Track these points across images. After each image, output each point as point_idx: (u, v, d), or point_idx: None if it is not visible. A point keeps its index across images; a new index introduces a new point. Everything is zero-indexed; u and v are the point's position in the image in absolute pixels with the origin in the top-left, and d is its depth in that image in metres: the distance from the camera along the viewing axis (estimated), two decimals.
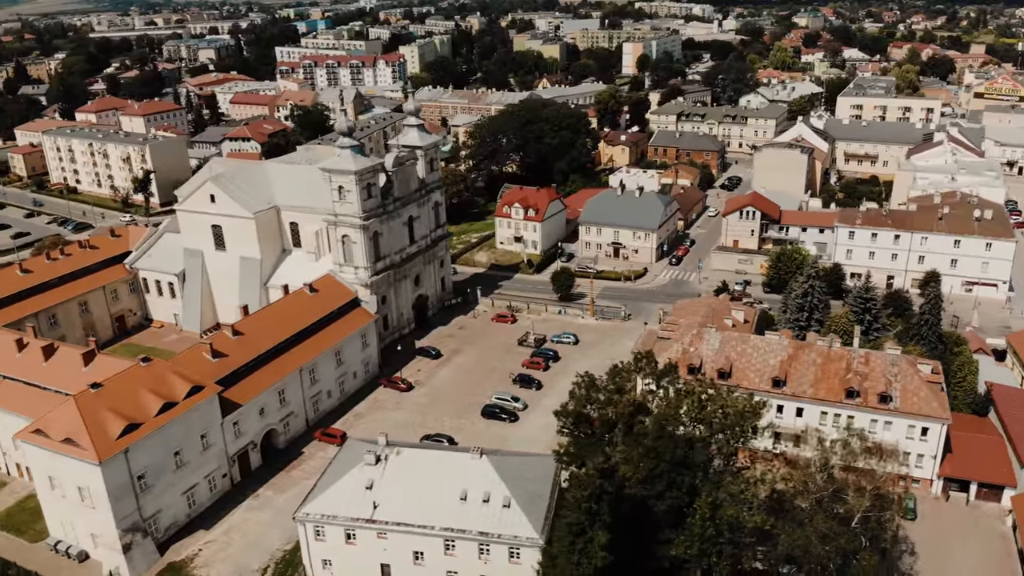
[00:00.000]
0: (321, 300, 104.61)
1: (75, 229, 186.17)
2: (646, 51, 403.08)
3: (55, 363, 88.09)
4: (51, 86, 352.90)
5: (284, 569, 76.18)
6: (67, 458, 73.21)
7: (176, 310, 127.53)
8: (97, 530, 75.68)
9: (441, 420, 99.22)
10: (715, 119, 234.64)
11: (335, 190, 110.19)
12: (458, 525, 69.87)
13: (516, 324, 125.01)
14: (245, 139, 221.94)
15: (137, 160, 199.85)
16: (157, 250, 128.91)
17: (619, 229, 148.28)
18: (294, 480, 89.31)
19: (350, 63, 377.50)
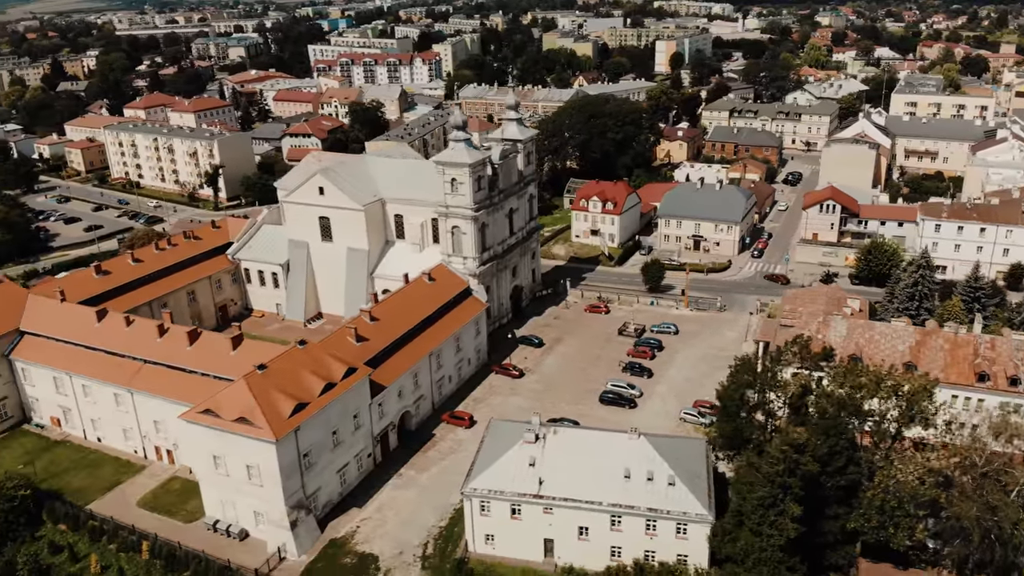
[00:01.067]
0: (438, 289, 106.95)
1: (147, 222, 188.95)
2: (679, 49, 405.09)
3: (200, 348, 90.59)
4: (92, 82, 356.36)
5: (444, 545, 78.53)
6: (239, 437, 75.54)
7: (278, 300, 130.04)
8: (263, 508, 78.04)
9: (558, 406, 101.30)
10: (768, 115, 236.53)
11: (447, 182, 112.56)
12: (626, 502, 72.16)
13: (610, 315, 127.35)
14: (305, 135, 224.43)
15: (204, 155, 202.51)
16: (258, 241, 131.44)
17: (700, 222, 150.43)
18: (431, 460, 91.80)
19: (387, 61, 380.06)
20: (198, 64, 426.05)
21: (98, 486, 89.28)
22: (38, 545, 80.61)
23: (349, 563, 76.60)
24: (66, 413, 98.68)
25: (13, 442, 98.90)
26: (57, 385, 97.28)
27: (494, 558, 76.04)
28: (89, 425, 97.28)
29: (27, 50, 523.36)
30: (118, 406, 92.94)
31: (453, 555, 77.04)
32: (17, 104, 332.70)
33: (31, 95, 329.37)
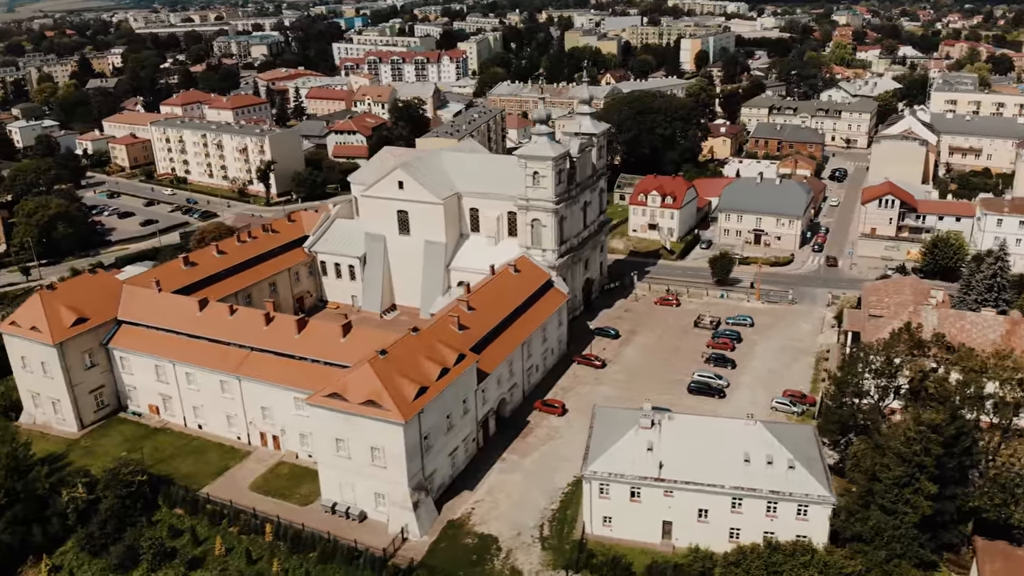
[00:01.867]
0: (524, 280, 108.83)
1: (201, 217, 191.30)
2: (704, 47, 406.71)
3: (308, 336, 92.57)
4: (122, 80, 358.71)
5: (559, 527, 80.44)
6: (366, 419, 77.50)
7: (353, 291, 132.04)
8: (385, 489, 79.97)
9: (646, 395, 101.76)
10: (807, 112, 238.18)
11: (529, 175, 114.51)
12: (748, 485, 74.04)
13: (680, 308, 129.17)
14: (350, 132, 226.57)
15: (254, 151, 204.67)
16: (333, 235, 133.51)
17: (762, 216, 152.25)
18: (530, 446, 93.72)
19: (415, 59, 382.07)
20: (224, 62, 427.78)
21: (207, 472, 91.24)
22: (156, 529, 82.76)
23: (470, 543, 78.54)
24: (166, 401, 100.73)
25: (111, 430, 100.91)
26: (158, 373, 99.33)
27: (611, 540, 77.84)
28: (190, 412, 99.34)
29: (48, 47, 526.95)
30: (223, 393, 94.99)
31: (570, 536, 79.03)
32: (49, 100, 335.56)
33: (63, 92, 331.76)
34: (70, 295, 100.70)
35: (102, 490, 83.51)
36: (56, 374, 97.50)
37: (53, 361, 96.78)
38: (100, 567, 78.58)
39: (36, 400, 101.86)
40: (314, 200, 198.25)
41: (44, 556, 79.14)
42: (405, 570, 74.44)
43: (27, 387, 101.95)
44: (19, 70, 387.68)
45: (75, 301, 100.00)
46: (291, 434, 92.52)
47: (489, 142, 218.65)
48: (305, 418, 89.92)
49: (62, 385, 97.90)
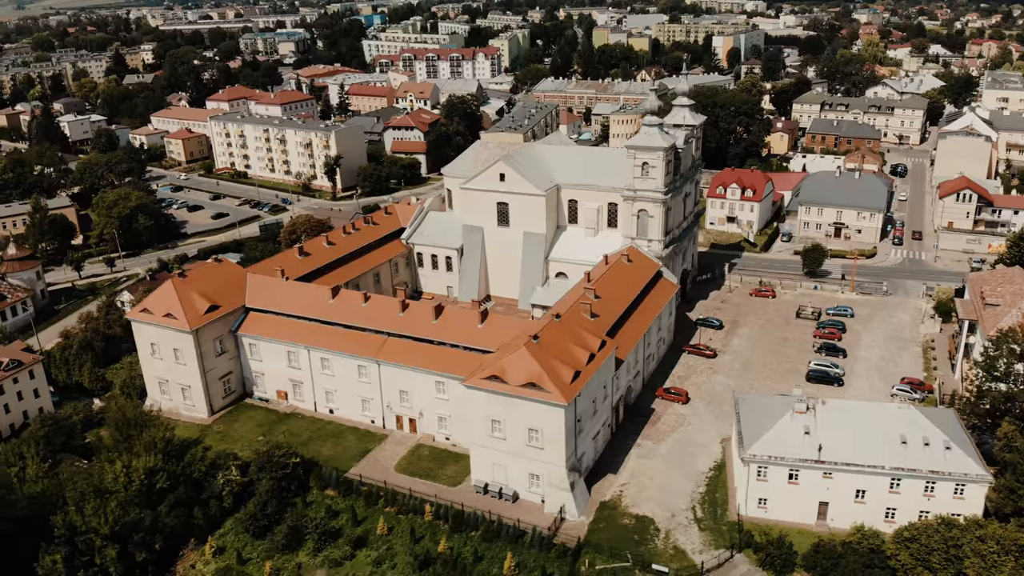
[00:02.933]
0: (637, 270, 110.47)
1: (271, 211, 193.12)
2: (736, 44, 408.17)
3: (446, 322, 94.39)
4: (159, 75, 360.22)
5: (711, 508, 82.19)
6: (526, 401, 79.24)
7: (449, 283, 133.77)
8: (541, 470, 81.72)
9: (765, 383, 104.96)
10: (859, 109, 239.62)
11: (638, 166, 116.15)
12: (907, 465, 75.81)
13: (776, 299, 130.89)
14: (408, 128, 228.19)
15: (319, 146, 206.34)
16: (428, 227, 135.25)
17: (843, 209, 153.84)
18: (662, 432, 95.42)
19: (450, 56, 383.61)
20: (257, 59, 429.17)
21: (348, 454, 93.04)
22: (312, 510, 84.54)
23: (628, 524, 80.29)
24: (296, 386, 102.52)
25: (242, 415, 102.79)
26: (290, 359, 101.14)
27: (766, 520, 79.56)
28: (322, 397, 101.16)
29: (74, 43, 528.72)
30: (360, 378, 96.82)
31: (724, 518, 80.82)
32: (90, 96, 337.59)
33: (104, 87, 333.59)
34: (200, 283, 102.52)
35: (256, 473, 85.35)
36: (190, 360, 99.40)
37: (188, 348, 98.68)
38: (264, 548, 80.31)
39: (163, 387, 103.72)
40: (377, 195, 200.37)
41: (209, 538, 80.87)
42: (573, 549, 76.20)
43: (154, 374, 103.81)
44: (55, 65, 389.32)
45: (206, 289, 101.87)
46: (429, 417, 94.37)
47: (546, 135, 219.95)
48: (444, 401, 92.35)
49: (195, 371, 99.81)
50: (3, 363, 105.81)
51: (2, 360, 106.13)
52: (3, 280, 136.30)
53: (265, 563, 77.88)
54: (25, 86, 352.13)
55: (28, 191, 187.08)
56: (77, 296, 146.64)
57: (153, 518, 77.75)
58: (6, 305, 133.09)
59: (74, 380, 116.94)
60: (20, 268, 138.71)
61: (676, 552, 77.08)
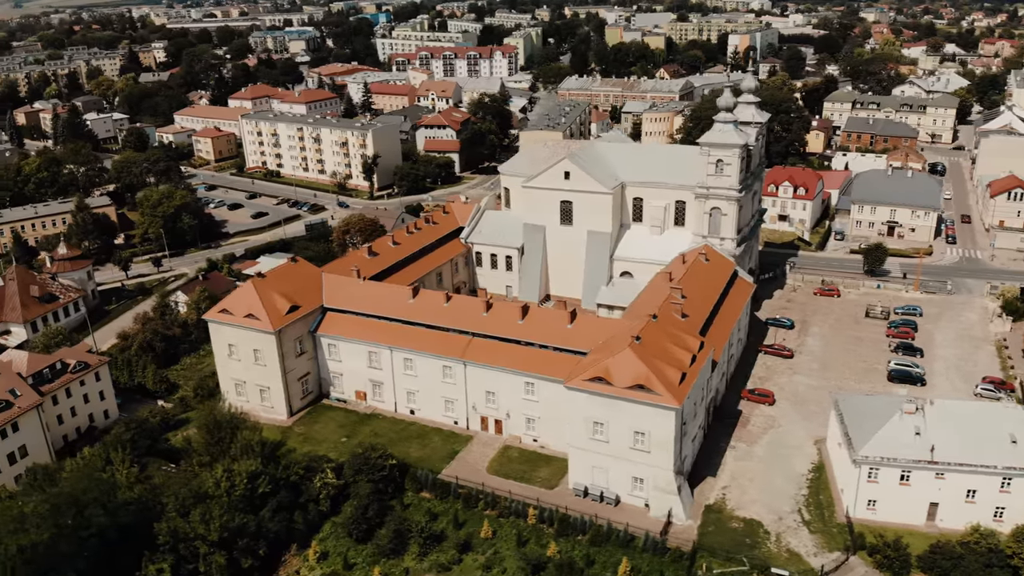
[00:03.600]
0: (715, 269, 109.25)
1: (310, 211, 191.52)
2: (752, 43, 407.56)
3: (533, 322, 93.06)
4: (176, 73, 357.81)
5: (818, 510, 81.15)
6: (633, 404, 78.02)
7: (508, 282, 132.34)
8: (646, 473, 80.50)
9: (847, 383, 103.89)
10: (891, 107, 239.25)
11: (712, 163, 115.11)
12: (1019, 464, 74.99)
13: (842, 298, 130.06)
14: (440, 127, 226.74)
15: (355, 145, 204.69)
16: (486, 226, 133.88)
17: (896, 208, 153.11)
18: (754, 434, 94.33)
19: (467, 54, 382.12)
20: (273, 57, 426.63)
21: (437, 456, 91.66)
22: (409, 512, 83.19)
23: (737, 527, 79.21)
24: (376, 387, 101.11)
25: (321, 416, 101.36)
26: (371, 359, 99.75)
27: (875, 522, 78.65)
28: (403, 397, 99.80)
29: (81, 41, 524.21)
30: (444, 378, 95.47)
31: (832, 519, 79.85)
32: (107, 93, 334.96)
33: (121, 84, 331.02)
34: (279, 283, 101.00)
35: (352, 475, 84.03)
36: (271, 361, 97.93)
37: (270, 348, 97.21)
38: (368, 552, 78.93)
39: (240, 388, 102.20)
40: (414, 194, 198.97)
41: (313, 543, 79.47)
42: (688, 553, 75.08)
43: (231, 375, 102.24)
44: (68, 63, 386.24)
45: (285, 289, 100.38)
46: (516, 418, 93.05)
47: (583, 134, 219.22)
48: (533, 402, 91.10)
49: (276, 372, 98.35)
50: (70, 365, 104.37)
51: (69, 362, 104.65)
52: (54, 280, 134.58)
53: (373, 568, 76.52)
54: (40, 84, 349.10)
55: (63, 190, 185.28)
56: (127, 296, 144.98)
57: (257, 523, 76.30)
58: (59, 306, 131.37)
59: (136, 382, 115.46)
60: (71, 268, 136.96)
61: (791, 555, 76.04)
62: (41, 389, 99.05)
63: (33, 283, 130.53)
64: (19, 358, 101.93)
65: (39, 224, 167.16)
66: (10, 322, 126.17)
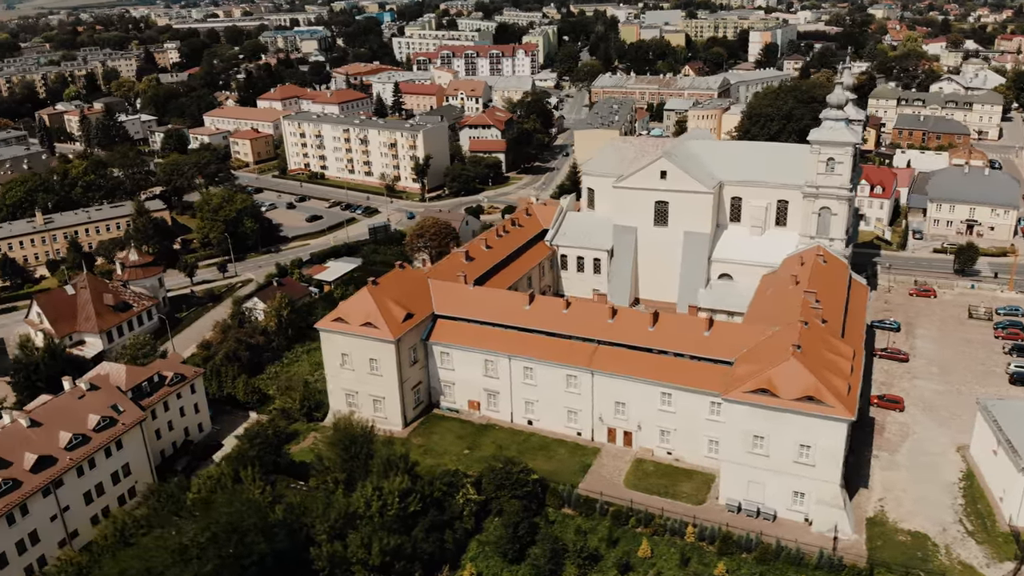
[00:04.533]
0: (833, 272, 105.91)
1: (364, 213, 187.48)
2: (773, 40, 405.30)
3: (665, 329, 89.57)
4: (196, 74, 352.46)
5: (980, 520, 78.05)
6: (802, 416, 74.78)
7: (595, 285, 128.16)
8: (809, 488, 77.17)
9: (970, 387, 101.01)
10: (936, 104, 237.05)
11: (823, 162, 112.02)
12: None
13: (938, 299, 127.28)
14: (485, 126, 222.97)
15: (405, 146, 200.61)
16: (570, 228, 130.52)
17: (975, 206, 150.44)
18: (892, 442, 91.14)
19: (489, 53, 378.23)
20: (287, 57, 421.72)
21: (568, 469, 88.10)
22: (555, 529, 79.59)
23: (905, 540, 76.01)
24: (491, 396, 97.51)
25: (436, 427, 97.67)
26: (487, 368, 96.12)
27: None
28: (520, 407, 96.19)
29: (88, 42, 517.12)
30: (568, 388, 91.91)
31: (995, 529, 76.92)
32: (128, 94, 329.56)
33: (144, 85, 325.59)
34: (392, 290, 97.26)
35: (493, 491, 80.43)
36: (388, 371, 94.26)
37: (388, 358, 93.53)
38: (523, 574, 75.12)
39: (351, 399, 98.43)
40: (464, 195, 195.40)
41: (468, 564, 75.68)
42: (865, 570, 71.81)
43: (342, 385, 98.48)
44: (85, 64, 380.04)
45: (398, 296, 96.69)
46: (648, 430, 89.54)
47: (628, 133, 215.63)
48: (667, 413, 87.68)
49: (393, 382, 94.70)
50: (168, 378, 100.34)
51: (166, 374, 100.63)
52: (126, 288, 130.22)
53: None
54: (58, 85, 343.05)
55: (109, 194, 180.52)
56: (196, 303, 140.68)
57: (412, 544, 72.58)
58: (133, 314, 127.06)
59: (225, 392, 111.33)
60: (143, 275, 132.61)
61: (964, 568, 72.99)
62: (141, 403, 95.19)
63: (106, 291, 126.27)
64: (117, 371, 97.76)
65: (92, 229, 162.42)
66: (84, 332, 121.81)
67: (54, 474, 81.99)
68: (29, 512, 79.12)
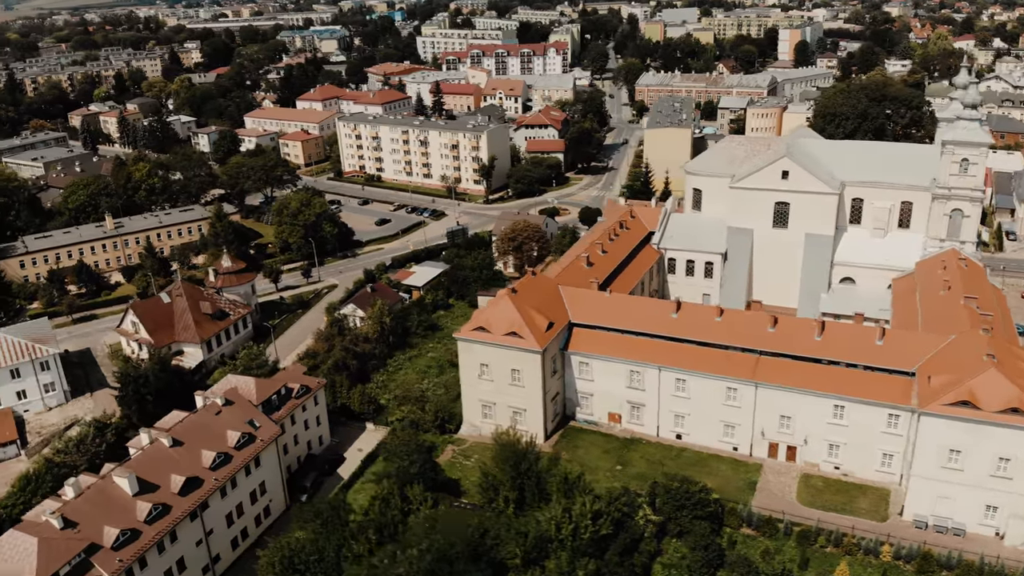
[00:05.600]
0: (974, 276, 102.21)
1: (432, 216, 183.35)
2: (803, 38, 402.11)
3: (832, 338, 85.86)
4: (226, 74, 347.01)
5: None
6: (1006, 429, 71.36)
7: (705, 290, 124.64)
8: (1004, 501, 73.81)
9: None
10: (992, 103, 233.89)
11: (955, 162, 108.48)
12: None
13: None
14: (542, 126, 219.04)
15: (467, 147, 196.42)
16: (673, 230, 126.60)
17: None
18: None
19: (520, 52, 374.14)
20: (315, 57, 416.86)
21: (732, 486, 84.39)
22: (740, 549, 75.76)
23: None
24: (635, 408, 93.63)
25: (577, 440, 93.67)
26: (632, 379, 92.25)
27: None
28: (668, 420, 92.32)
29: (103, 42, 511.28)
30: (726, 400, 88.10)
31: None
32: (160, 95, 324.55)
33: (176, 86, 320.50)
34: (531, 298, 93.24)
35: (673, 511, 76.56)
36: (532, 382, 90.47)
37: (532, 368, 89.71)
38: None
39: (488, 411, 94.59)
40: (526, 197, 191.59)
41: None
42: None
43: (479, 396, 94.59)
44: (111, 64, 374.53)
45: (538, 305, 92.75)
46: (816, 444, 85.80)
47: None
48: (838, 427, 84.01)
49: (536, 394, 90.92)
50: (294, 390, 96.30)
51: (292, 386, 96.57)
52: (220, 295, 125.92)
53: None
54: (86, 85, 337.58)
55: (173, 197, 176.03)
56: (286, 310, 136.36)
57: (609, 570, 68.70)
58: (230, 323, 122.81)
59: (339, 403, 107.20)
60: (237, 282, 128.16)
61: None
62: (273, 418, 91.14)
63: (202, 299, 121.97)
64: (246, 385, 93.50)
65: (163, 234, 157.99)
66: (184, 342, 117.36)
67: (201, 496, 78.00)
68: (178, 539, 75.00)
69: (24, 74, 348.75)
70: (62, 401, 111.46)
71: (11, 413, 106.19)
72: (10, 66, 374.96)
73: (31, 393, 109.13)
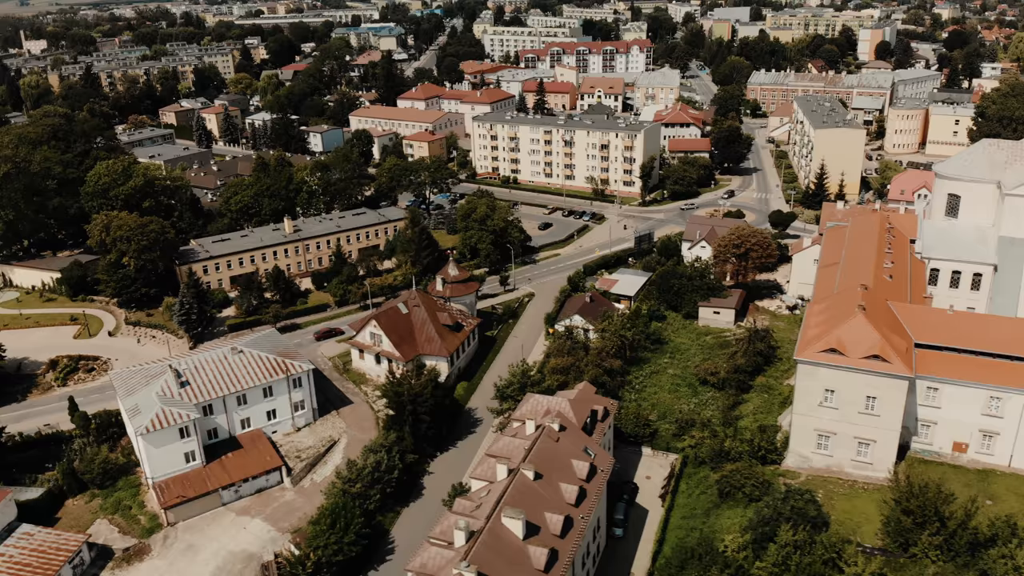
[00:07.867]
0: None
1: (593, 219, 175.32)
2: (885, 39, 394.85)
3: None
4: (307, 70, 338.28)
5: None
6: None
7: (971, 303, 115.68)
8: None
9: None
10: None
11: None
12: None
13: None
14: (683, 125, 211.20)
15: (618, 148, 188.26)
16: (932, 239, 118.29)
17: None
18: None
19: (604, 49, 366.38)
20: (389, 54, 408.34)
21: None
22: None
23: None
24: (987, 437, 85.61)
25: (928, 474, 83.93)
26: (989, 405, 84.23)
27: None
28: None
29: (141, 38, 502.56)
30: None
31: None
32: (246, 92, 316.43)
33: (264, 82, 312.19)
34: (875, 317, 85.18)
35: None
36: (890, 411, 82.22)
37: (894, 396, 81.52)
38: None
39: (823, 440, 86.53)
40: (680, 199, 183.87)
41: None
42: None
43: (815, 425, 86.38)
44: (184, 60, 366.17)
45: (885, 324, 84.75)
46: None
47: None
48: None
49: (894, 423, 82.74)
50: (599, 411, 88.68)
51: (596, 408, 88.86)
52: (448, 304, 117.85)
53: None
54: (171, 81, 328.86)
55: (333, 199, 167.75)
56: (499, 320, 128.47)
57: None
58: (466, 335, 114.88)
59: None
60: (465, 291, 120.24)
61: None
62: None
63: (439, 309, 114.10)
64: (561, 406, 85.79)
65: (343, 239, 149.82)
66: (429, 355, 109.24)
67: (577, 539, 70.25)
68: None
69: (99, 68, 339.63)
70: (310, 420, 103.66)
71: (265, 436, 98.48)
72: (78, 59, 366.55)
73: (281, 412, 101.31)
